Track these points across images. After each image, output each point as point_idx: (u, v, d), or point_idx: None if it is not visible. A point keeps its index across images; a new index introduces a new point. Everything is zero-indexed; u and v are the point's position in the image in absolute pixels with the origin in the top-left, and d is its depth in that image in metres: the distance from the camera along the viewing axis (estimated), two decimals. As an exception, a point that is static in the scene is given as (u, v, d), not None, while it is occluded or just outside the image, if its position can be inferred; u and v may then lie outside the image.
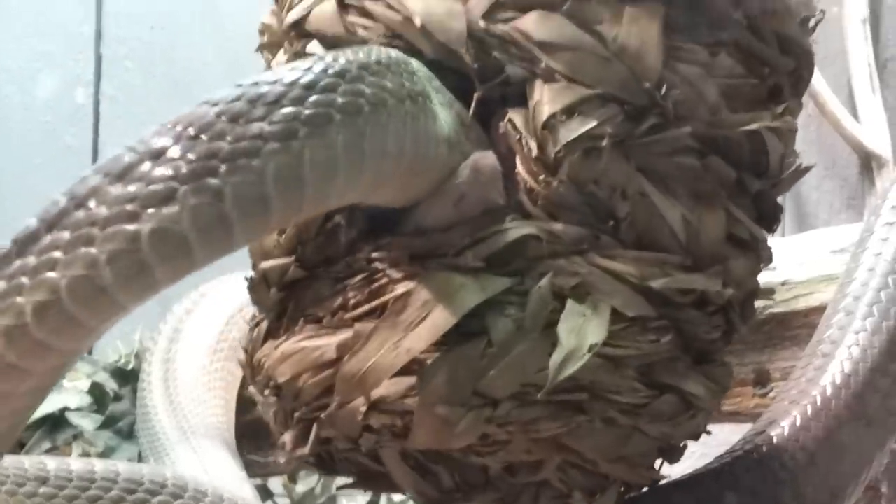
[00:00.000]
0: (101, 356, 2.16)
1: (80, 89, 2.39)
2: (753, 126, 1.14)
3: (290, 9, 1.14)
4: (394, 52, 0.99)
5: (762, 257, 1.20)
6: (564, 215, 1.02)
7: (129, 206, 0.77)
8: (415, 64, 1.01)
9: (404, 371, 0.99)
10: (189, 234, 0.78)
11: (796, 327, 1.68)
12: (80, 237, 0.77)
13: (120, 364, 2.14)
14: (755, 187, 1.16)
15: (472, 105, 1.04)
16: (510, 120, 1.04)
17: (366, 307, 1.01)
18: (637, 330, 1.04)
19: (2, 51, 2.39)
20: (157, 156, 0.78)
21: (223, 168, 0.79)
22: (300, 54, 1.11)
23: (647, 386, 1.05)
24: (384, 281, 1.01)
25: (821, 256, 1.70)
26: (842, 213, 2.12)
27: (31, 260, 0.78)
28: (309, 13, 1.12)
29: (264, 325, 1.11)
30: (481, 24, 1.04)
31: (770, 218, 1.21)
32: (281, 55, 1.15)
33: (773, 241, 1.73)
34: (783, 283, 1.67)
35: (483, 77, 1.05)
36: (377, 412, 1.00)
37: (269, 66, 1.22)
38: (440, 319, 0.97)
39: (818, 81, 2.04)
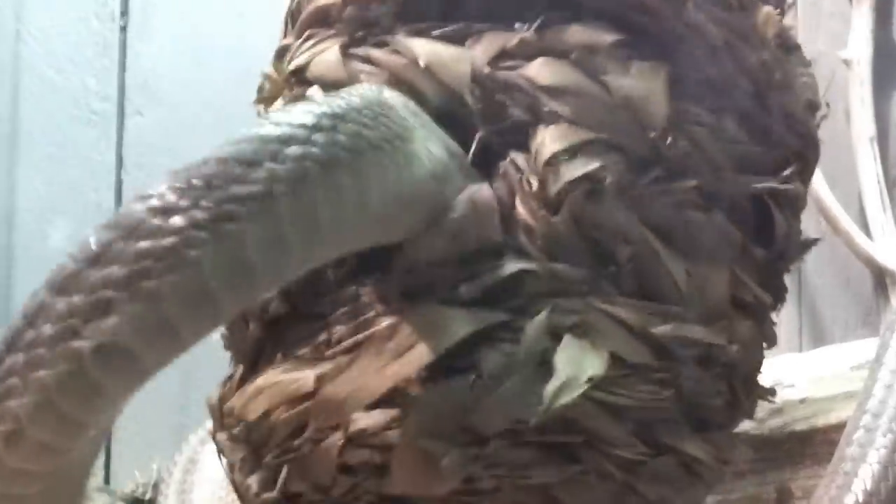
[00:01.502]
0: (118, 486, 2.13)
1: (98, 217, 2.41)
2: (760, 186, 1.14)
3: (291, 60, 1.16)
4: (368, 92, 0.97)
5: (766, 333, 1.19)
6: (564, 256, 1.00)
7: (71, 321, 0.74)
8: (392, 99, 0.99)
9: (387, 403, 0.95)
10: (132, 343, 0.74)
11: (816, 444, 1.65)
12: (31, 360, 0.74)
13: (137, 494, 2.10)
14: (761, 256, 1.15)
15: (473, 147, 1.03)
16: (512, 160, 1.02)
17: (350, 341, 0.98)
18: (637, 379, 1.00)
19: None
20: (94, 262, 0.75)
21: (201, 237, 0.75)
22: (299, 98, 1.11)
23: (646, 443, 1.01)
24: (371, 314, 0.98)
25: (839, 373, 1.68)
26: (858, 329, 2.10)
27: None
28: (310, 61, 1.12)
29: (237, 374, 1.07)
30: (486, 69, 1.04)
31: (775, 294, 1.20)
32: (279, 103, 1.15)
33: (790, 357, 1.72)
34: (802, 401, 1.65)
35: (486, 121, 1.04)
36: (355, 447, 0.95)
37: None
38: (428, 348, 0.94)
39: (829, 199, 2.04)
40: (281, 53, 1.24)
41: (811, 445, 1.63)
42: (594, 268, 1.01)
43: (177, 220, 0.75)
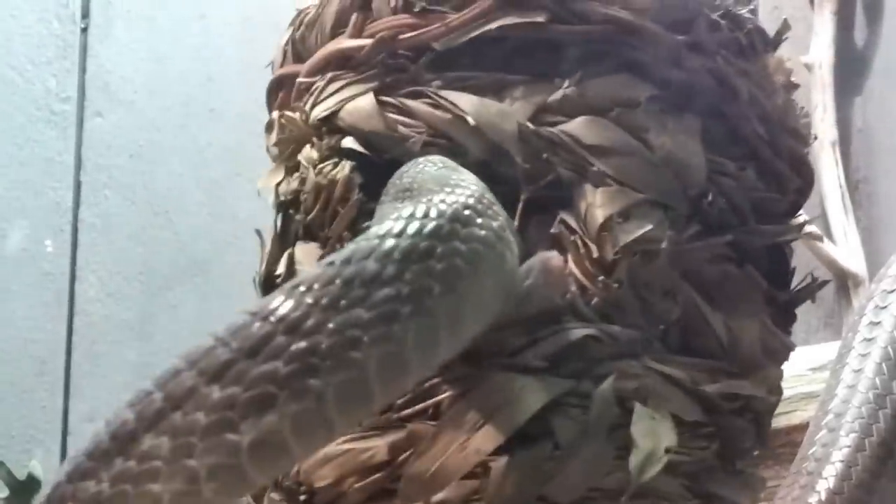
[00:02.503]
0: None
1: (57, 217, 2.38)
2: (786, 238, 1.17)
3: (315, 104, 1.14)
4: (473, 183, 0.93)
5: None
6: (619, 317, 1.02)
7: (228, 413, 0.72)
8: (465, 172, 0.98)
9: (467, 474, 0.97)
10: (289, 438, 0.73)
11: (778, 446, 1.68)
12: (180, 447, 0.73)
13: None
14: (781, 301, 1.19)
15: (520, 207, 1.04)
16: (563, 220, 1.04)
17: (417, 407, 1.00)
18: (689, 436, 1.04)
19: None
20: (254, 354, 0.74)
21: (324, 366, 0.74)
22: (334, 149, 1.11)
23: (695, 494, 1.05)
24: (435, 381, 0.99)
25: (799, 374, 1.72)
26: (819, 331, 2.15)
27: (132, 465, 0.74)
28: (341, 108, 1.11)
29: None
30: (530, 125, 1.05)
31: (788, 330, 1.23)
32: (308, 150, 1.14)
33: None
34: (763, 401, 1.69)
35: (530, 178, 1.05)
36: (438, 518, 0.97)
37: (276, 161, 1.21)
38: (505, 420, 0.96)
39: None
40: (280, 83, 1.23)
41: (773, 446, 1.67)
42: (646, 328, 1.04)
43: (349, 315, 0.75)
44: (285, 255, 1.14)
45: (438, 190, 0.86)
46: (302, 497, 1.05)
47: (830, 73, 2.23)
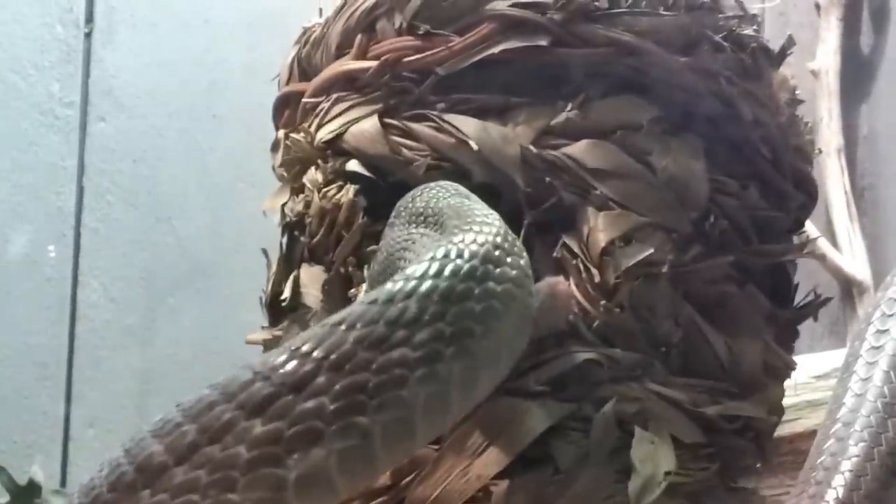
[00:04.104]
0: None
1: (60, 222, 2.38)
2: (788, 257, 1.17)
3: (320, 125, 1.15)
4: (496, 220, 0.91)
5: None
6: (620, 341, 1.03)
7: (272, 448, 0.72)
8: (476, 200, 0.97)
9: (469, 499, 0.97)
10: (334, 474, 0.73)
11: (783, 454, 1.68)
12: (219, 480, 0.72)
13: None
14: (783, 319, 1.19)
15: (523, 231, 1.04)
16: (565, 244, 1.04)
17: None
18: (690, 457, 1.04)
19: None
20: (298, 389, 0.73)
21: (371, 404, 0.73)
22: (339, 172, 1.11)
23: (695, 515, 1.05)
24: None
25: (803, 382, 1.72)
26: (824, 339, 2.14)
27: (165, 499, 0.72)
28: (345, 130, 1.12)
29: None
30: (533, 149, 1.05)
31: (790, 347, 1.23)
32: (313, 172, 1.14)
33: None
34: (768, 410, 1.69)
35: (533, 202, 1.06)
36: (440, 542, 0.98)
37: (283, 181, 1.22)
38: (508, 445, 0.96)
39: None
40: (286, 101, 1.24)
41: (777, 454, 1.67)
42: (647, 350, 1.05)
43: (394, 355, 0.75)
44: (291, 278, 1.15)
45: (466, 228, 0.86)
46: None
47: (836, 79, 2.23)
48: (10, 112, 2.38)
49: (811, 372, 1.72)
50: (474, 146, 1.06)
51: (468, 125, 1.07)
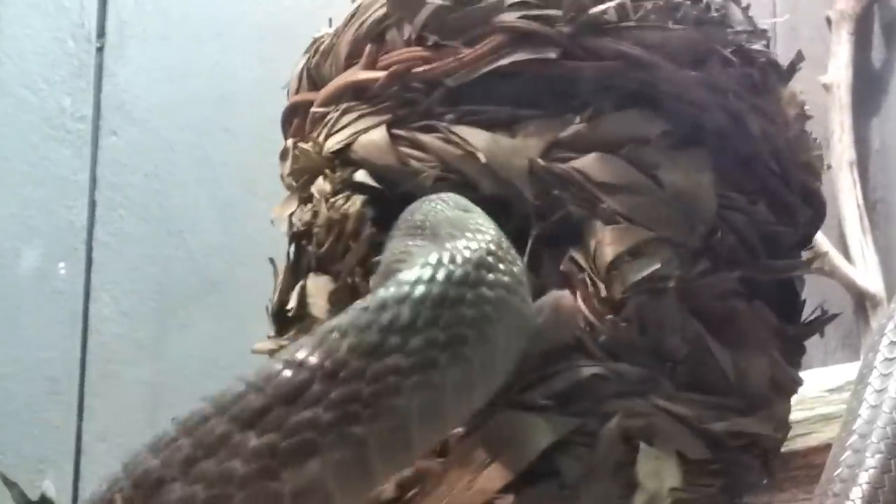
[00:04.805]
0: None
1: (72, 236, 2.38)
2: (796, 273, 1.17)
3: (329, 135, 1.15)
4: (492, 228, 0.92)
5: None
6: (627, 355, 1.03)
7: (267, 461, 0.70)
8: (479, 212, 0.98)
9: (473, 512, 0.97)
10: (331, 486, 0.71)
11: (795, 468, 1.68)
12: (216, 497, 0.70)
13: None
14: (791, 334, 1.18)
15: (529, 243, 1.04)
16: (572, 257, 1.04)
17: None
18: (695, 474, 1.04)
19: None
20: (291, 400, 0.72)
21: (366, 413, 0.72)
22: (346, 182, 1.11)
23: (699, 531, 1.05)
24: (444, 418, 1.00)
25: (817, 396, 1.71)
26: (837, 352, 2.13)
27: None
28: (354, 140, 1.12)
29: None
30: (541, 162, 1.05)
31: (797, 363, 1.23)
32: (321, 182, 1.14)
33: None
34: (781, 424, 1.69)
35: (541, 215, 1.06)
36: (445, 557, 0.97)
37: (291, 190, 1.22)
38: (513, 459, 0.96)
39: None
40: (295, 111, 1.24)
41: (790, 469, 1.66)
42: (654, 365, 1.04)
43: (388, 362, 0.74)
44: (297, 287, 1.15)
45: (459, 235, 0.86)
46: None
47: (848, 93, 2.22)
48: (21, 126, 2.39)
49: (824, 385, 1.71)
50: (482, 158, 1.06)
51: (476, 137, 1.07)
